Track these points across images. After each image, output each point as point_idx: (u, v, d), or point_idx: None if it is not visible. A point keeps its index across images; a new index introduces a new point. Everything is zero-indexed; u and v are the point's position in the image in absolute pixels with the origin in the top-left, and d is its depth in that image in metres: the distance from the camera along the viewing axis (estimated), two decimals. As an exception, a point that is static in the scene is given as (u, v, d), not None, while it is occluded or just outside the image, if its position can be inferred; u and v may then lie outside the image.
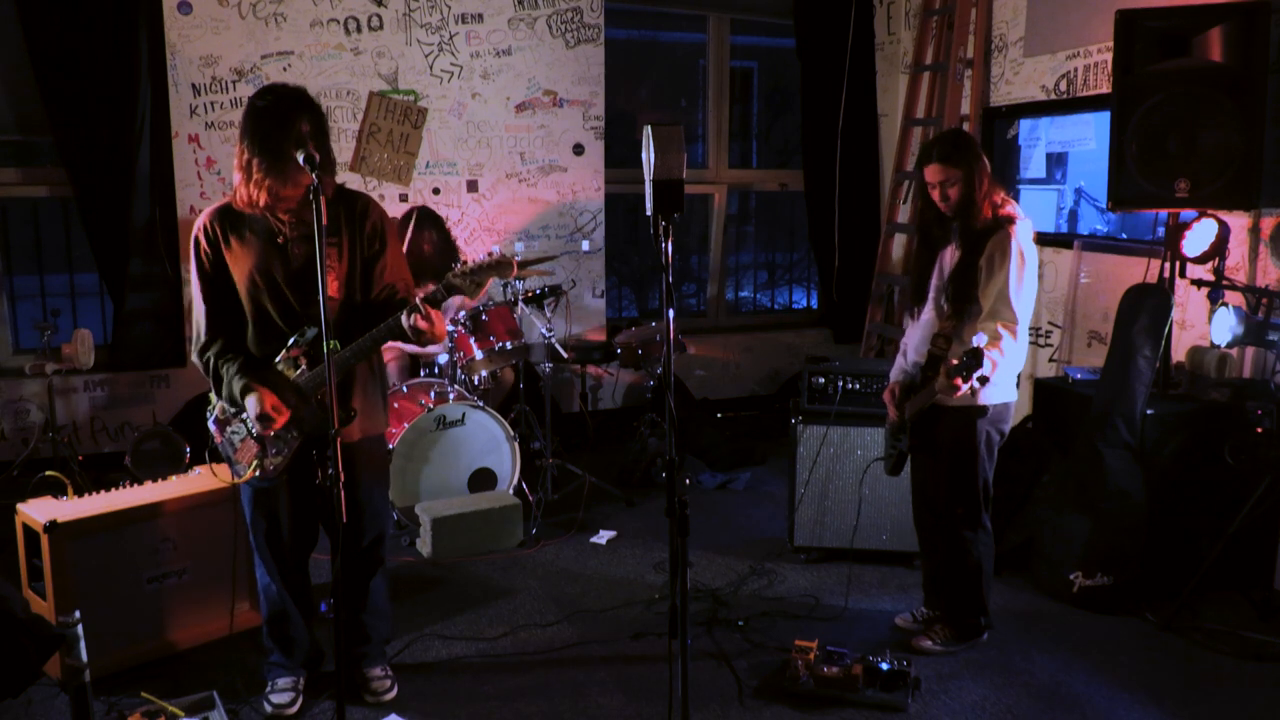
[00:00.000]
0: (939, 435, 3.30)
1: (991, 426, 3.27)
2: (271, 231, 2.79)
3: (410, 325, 2.69)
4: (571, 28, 5.80)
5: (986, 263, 3.15)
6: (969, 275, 3.17)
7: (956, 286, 3.19)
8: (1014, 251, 3.11)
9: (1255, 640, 3.48)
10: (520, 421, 4.92)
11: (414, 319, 2.68)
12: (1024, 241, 3.14)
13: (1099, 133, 4.95)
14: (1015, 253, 3.11)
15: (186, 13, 5.02)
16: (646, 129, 2.26)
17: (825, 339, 6.78)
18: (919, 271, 3.38)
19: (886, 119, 6.54)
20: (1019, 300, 3.12)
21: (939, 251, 3.31)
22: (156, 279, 5.12)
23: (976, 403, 3.20)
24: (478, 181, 5.72)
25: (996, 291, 3.13)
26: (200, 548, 3.36)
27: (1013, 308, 3.11)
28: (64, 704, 3.00)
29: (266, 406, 2.74)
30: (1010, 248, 3.11)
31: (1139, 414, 3.78)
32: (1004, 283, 3.11)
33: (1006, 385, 3.26)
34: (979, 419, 3.24)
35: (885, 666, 3.13)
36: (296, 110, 2.64)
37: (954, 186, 3.17)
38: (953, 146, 3.20)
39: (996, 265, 3.13)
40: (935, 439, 3.32)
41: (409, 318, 2.68)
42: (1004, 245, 3.12)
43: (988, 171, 3.20)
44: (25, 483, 4.23)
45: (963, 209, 3.18)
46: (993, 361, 2.99)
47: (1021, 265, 3.12)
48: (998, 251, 3.13)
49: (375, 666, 3.14)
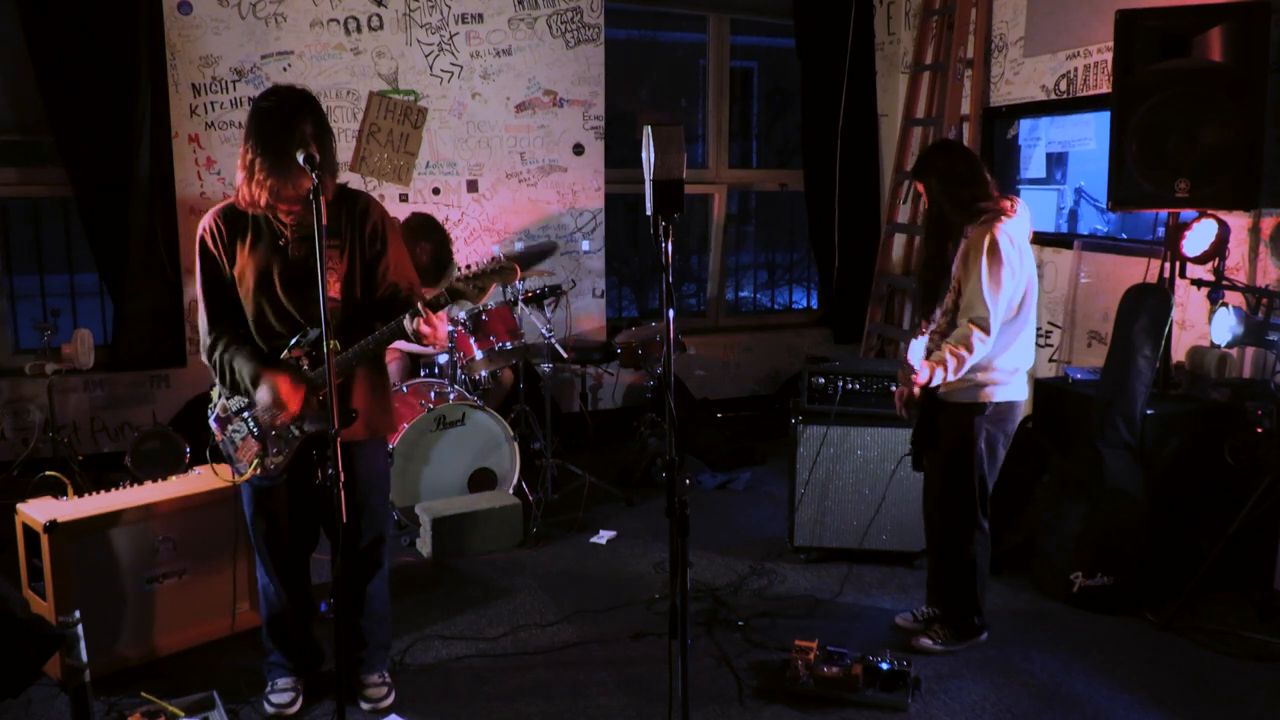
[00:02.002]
0: (940, 430, 3.32)
1: (993, 425, 3.26)
2: (273, 232, 2.79)
3: (413, 329, 2.69)
4: (571, 28, 5.80)
5: (962, 259, 3.17)
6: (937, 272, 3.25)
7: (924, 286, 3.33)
8: (985, 246, 3.09)
9: (1255, 640, 3.48)
10: (520, 421, 4.92)
11: (416, 323, 2.68)
12: (1003, 236, 3.11)
13: (1099, 133, 4.96)
14: (986, 247, 3.09)
15: (186, 13, 5.02)
16: (646, 129, 2.25)
17: (825, 339, 6.78)
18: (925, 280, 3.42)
19: (886, 119, 6.54)
20: (991, 295, 3.09)
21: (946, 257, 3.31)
22: (156, 279, 5.11)
23: (976, 399, 3.21)
24: (478, 181, 5.72)
25: (970, 288, 3.13)
26: (200, 548, 3.36)
27: (985, 302, 3.09)
28: (64, 704, 3.00)
29: (280, 391, 2.73)
30: (983, 244, 3.10)
31: (1139, 414, 3.77)
32: (976, 278, 3.11)
33: (1010, 384, 3.25)
34: (977, 416, 3.23)
35: (885, 666, 3.13)
36: (301, 112, 2.65)
37: (928, 197, 3.29)
38: (921, 160, 3.34)
39: (970, 261, 3.13)
40: (937, 434, 3.34)
41: (412, 321, 2.69)
42: (978, 242, 3.12)
43: (957, 176, 3.21)
44: (25, 483, 4.23)
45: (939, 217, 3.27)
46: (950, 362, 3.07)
47: (996, 259, 3.09)
48: (972, 249, 3.14)
49: (373, 673, 3.12)
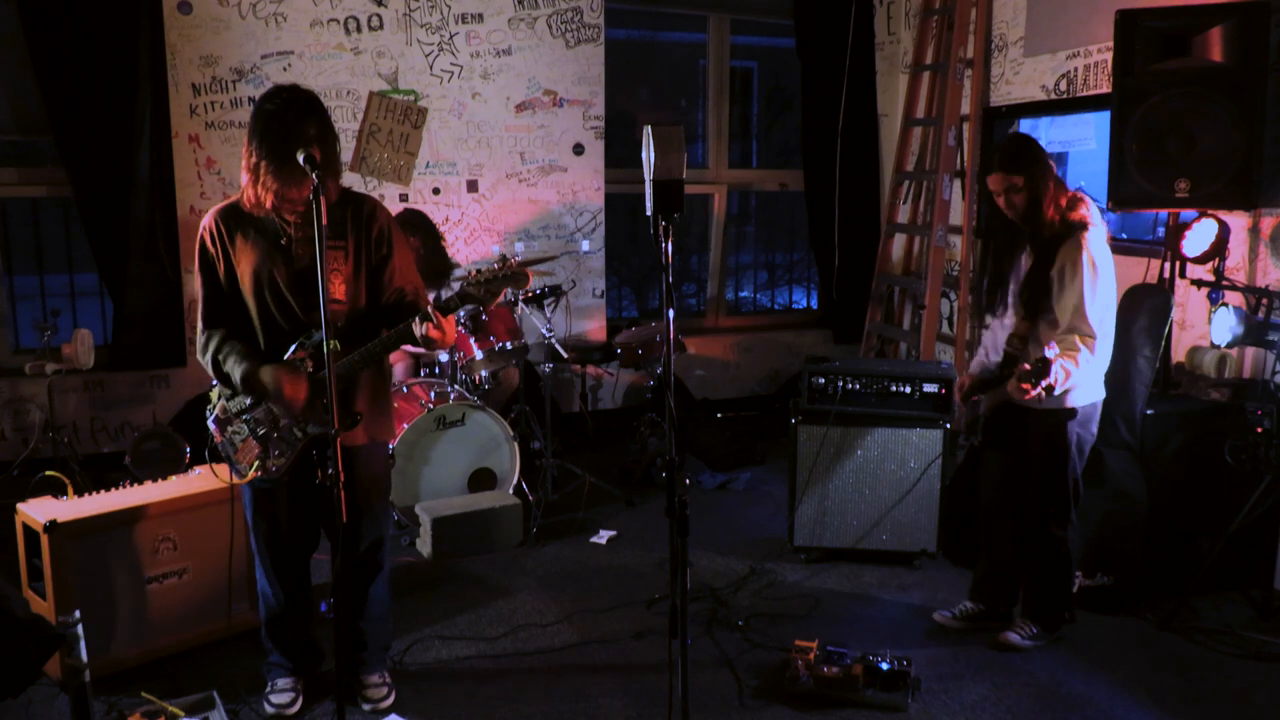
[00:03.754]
0: (1028, 437, 3.31)
1: (1081, 428, 3.28)
2: (276, 232, 2.79)
3: (422, 334, 2.70)
4: (571, 28, 5.80)
5: (1058, 275, 3.12)
6: (1041, 285, 3.17)
7: (1029, 295, 3.20)
8: (1085, 263, 3.06)
9: (1255, 640, 3.48)
10: (520, 421, 4.92)
11: (425, 328, 2.69)
12: (1095, 249, 3.09)
13: (1099, 133, 4.96)
14: (1087, 264, 3.06)
15: (186, 13, 5.02)
16: (646, 129, 2.25)
17: (825, 339, 6.78)
18: (994, 278, 3.38)
19: (886, 119, 6.54)
20: (1094, 311, 3.08)
21: (1016, 256, 3.30)
22: (156, 279, 5.11)
23: (1065, 405, 3.21)
24: (478, 181, 5.72)
25: (1072, 306, 3.10)
26: (200, 548, 3.36)
27: (1089, 321, 3.08)
28: (64, 704, 3.00)
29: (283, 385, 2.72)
30: (1081, 259, 3.07)
31: (1139, 414, 3.77)
32: (1078, 296, 3.08)
33: (1093, 386, 3.25)
34: (1069, 421, 3.24)
35: (885, 666, 3.13)
36: (305, 114, 2.65)
37: (1018, 194, 3.16)
38: (1013, 154, 3.17)
39: (1069, 278, 3.09)
40: (1020, 440, 3.33)
41: (421, 326, 2.69)
42: (1075, 256, 3.08)
43: (1053, 175, 3.17)
44: (25, 483, 4.23)
45: (1029, 216, 3.17)
46: (1066, 372, 2.96)
47: (1095, 275, 3.07)
48: (1069, 263, 3.09)
49: (373, 674, 3.12)
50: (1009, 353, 3.27)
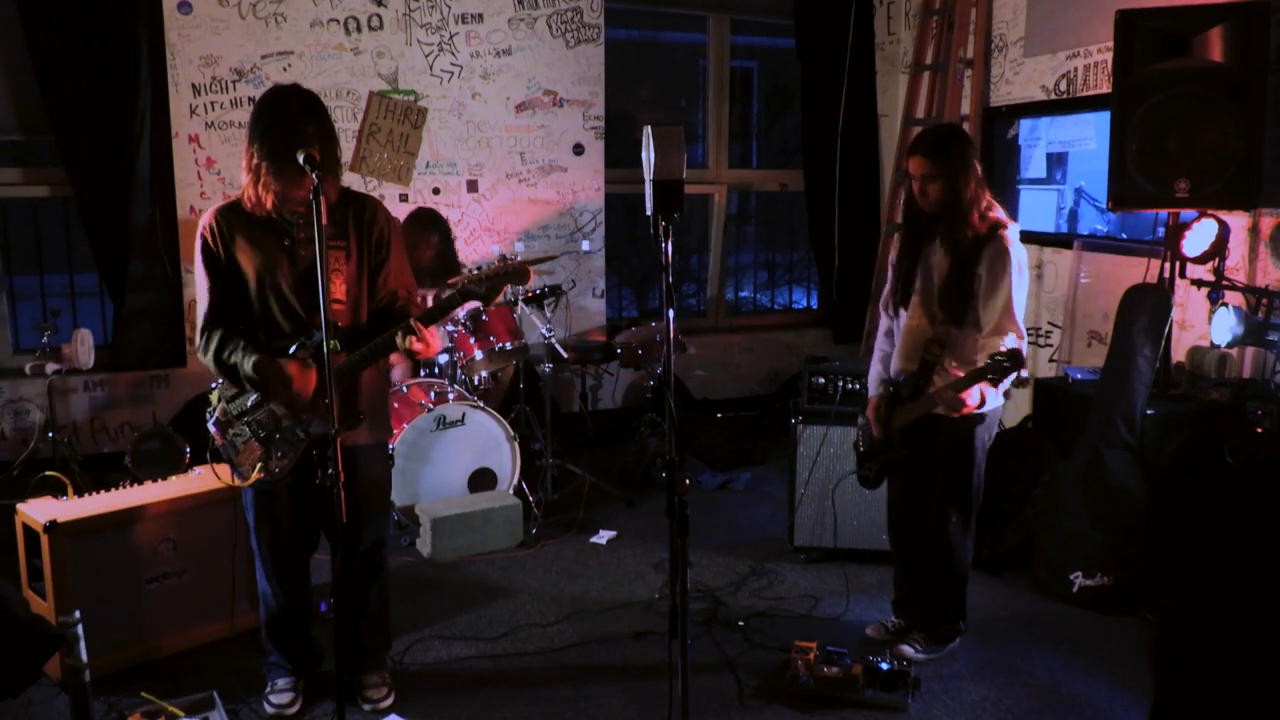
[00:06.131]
0: (934, 445, 3.23)
1: (987, 432, 3.25)
2: (278, 232, 2.79)
3: (404, 347, 2.69)
4: (571, 28, 5.80)
5: (987, 273, 3.07)
6: (965, 285, 3.09)
7: (953, 296, 3.10)
8: (1013, 263, 3.05)
9: (1255, 640, 3.48)
10: (520, 421, 4.92)
11: (409, 341, 2.68)
12: (1017, 250, 3.08)
13: (1099, 133, 4.95)
14: (1015, 264, 3.05)
15: (186, 13, 5.02)
16: (646, 129, 2.25)
17: (825, 339, 6.78)
18: (905, 271, 3.27)
19: (886, 119, 6.54)
20: (1020, 310, 3.08)
21: (923, 250, 3.22)
22: (156, 279, 5.12)
23: (977, 411, 3.12)
24: (478, 182, 5.72)
25: (1001, 305, 3.06)
26: (200, 548, 3.36)
27: (1017, 320, 3.06)
28: (64, 704, 3.00)
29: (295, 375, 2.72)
30: (1009, 260, 3.05)
31: (1139, 414, 3.78)
32: (1008, 296, 3.05)
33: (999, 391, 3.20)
34: (977, 426, 3.20)
35: (885, 666, 3.13)
36: (305, 114, 2.65)
37: (934, 183, 3.08)
38: (939, 143, 3.08)
39: (998, 277, 3.05)
40: (928, 449, 3.25)
41: (404, 340, 2.68)
42: (1002, 257, 3.05)
43: (976, 174, 3.10)
44: (25, 483, 4.23)
45: (944, 210, 3.10)
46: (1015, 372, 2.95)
47: (1020, 274, 3.08)
48: (997, 263, 3.06)
49: (373, 674, 3.13)
50: (926, 360, 3.14)
